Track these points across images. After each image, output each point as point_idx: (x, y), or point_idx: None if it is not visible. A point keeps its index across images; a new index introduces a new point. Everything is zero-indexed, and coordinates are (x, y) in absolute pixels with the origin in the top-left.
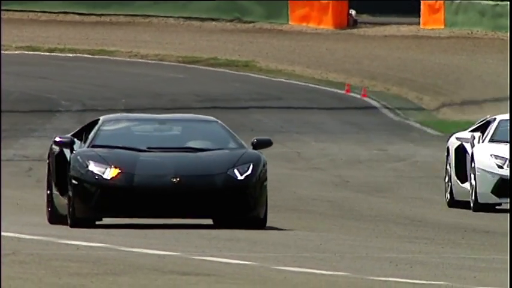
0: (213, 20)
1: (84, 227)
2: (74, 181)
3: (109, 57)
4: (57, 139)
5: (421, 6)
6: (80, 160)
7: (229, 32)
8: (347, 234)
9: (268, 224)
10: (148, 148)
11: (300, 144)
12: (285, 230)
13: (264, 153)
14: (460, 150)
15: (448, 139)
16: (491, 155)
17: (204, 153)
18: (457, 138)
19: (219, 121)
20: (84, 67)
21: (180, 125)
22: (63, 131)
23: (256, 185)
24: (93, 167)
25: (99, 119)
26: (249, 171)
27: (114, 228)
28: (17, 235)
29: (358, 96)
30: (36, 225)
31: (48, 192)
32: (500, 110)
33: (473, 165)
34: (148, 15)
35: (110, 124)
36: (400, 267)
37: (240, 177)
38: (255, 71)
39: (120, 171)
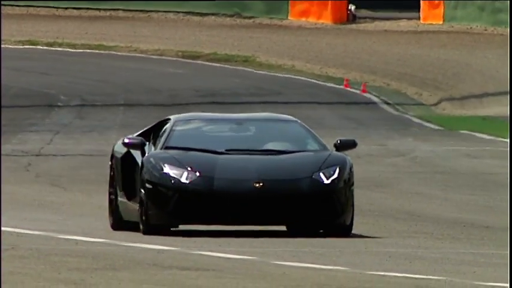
0: (213, 15)
1: (159, 234)
2: (148, 185)
3: (108, 52)
4: (126, 140)
5: (421, 2)
6: (154, 163)
7: (229, 27)
8: None
9: None
10: (227, 150)
11: None
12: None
13: None
14: None
15: None
16: None
17: (287, 155)
18: None
19: (299, 121)
20: (83, 62)
21: (258, 125)
22: (62, 126)
23: (343, 190)
24: (168, 170)
25: (168, 119)
26: (336, 175)
27: (191, 236)
28: (17, 230)
29: (358, 91)
30: (35, 221)
31: (111, 197)
32: (500, 105)
33: None
34: (148, 10)
35: (183, 124)
36: (400, 262)
37: (326, 181)
38: (254, 66)
39: (198, 174)
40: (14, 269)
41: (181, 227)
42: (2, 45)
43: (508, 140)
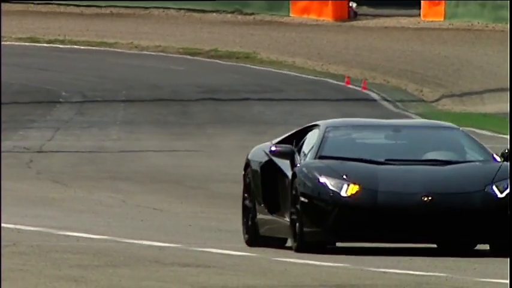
0: (214, 11)
1: (314, 252)
2: (302, 198)
3: (109, 49)
4: (274, 148)
5: None
6: (309, 174)
7: (230, 24)
8: None
9: None
10: (387, 160)
11: None
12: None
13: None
14: None
15: None
16: None
17: (454, 166)
18: None
19: (461, 128)
20: (85, 59)
21: (416, 132)
22: (63, 122)
23: None
24: (326, 182)
25: (315, 125)
26: (510, 188)
27: (349, 254)
28: (17, 227)
29: (358, 88)
30: (36, 217)
31: (247, 211)
32: (500, 102)
33: None
34: (149, 7)
35: (335, 131)
36: (400, 259)
37: (500, 196)
38: (255, 63)
39: (359, 187)
40: (14, 266)
41: (338, 244)
42: (3, 42)
43: (508, 137)
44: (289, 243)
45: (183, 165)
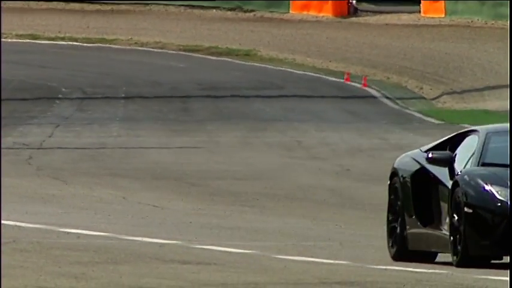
0: (214, 8)
1: (477, 266)
2: (466, 209)
3: (109, 45)
4: (430, 155)
5: None
6: (472, 182)
7: (230, 21)
8: (348, 223)
9: (268, 213)
10: None
11: (301, 133)
12: (285, 218)
13: (263, 142)
14: None
15: None
16: None
17: None
18: None
19: None
20: (84, 55)
21: None
22: (63, 118)
23: None
24: (492, 190)
25: (472, 130)
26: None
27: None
28: (18, 223)
29: (359, 85)
30: (36, 214)
31: (393, 225)
32: (501, 99)
33: None
34: (149, 3)
35: (497, 137)
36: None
37: None
38: (255, 60)
39: None
40: (14, 262)
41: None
42: (3, 39)
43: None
44: (441, 257)
45: (184, 162)
